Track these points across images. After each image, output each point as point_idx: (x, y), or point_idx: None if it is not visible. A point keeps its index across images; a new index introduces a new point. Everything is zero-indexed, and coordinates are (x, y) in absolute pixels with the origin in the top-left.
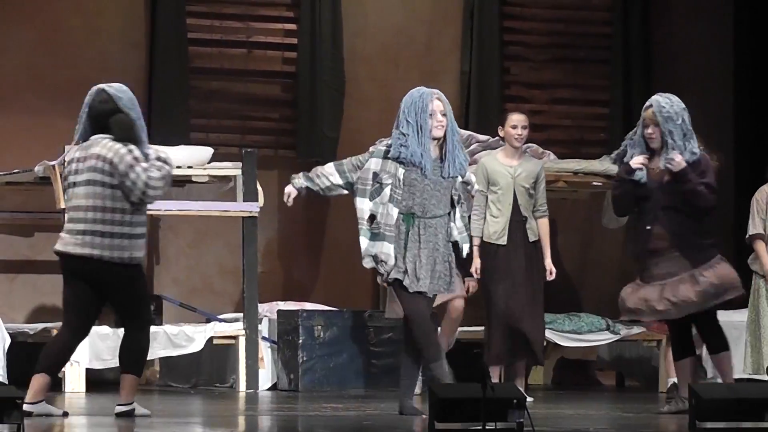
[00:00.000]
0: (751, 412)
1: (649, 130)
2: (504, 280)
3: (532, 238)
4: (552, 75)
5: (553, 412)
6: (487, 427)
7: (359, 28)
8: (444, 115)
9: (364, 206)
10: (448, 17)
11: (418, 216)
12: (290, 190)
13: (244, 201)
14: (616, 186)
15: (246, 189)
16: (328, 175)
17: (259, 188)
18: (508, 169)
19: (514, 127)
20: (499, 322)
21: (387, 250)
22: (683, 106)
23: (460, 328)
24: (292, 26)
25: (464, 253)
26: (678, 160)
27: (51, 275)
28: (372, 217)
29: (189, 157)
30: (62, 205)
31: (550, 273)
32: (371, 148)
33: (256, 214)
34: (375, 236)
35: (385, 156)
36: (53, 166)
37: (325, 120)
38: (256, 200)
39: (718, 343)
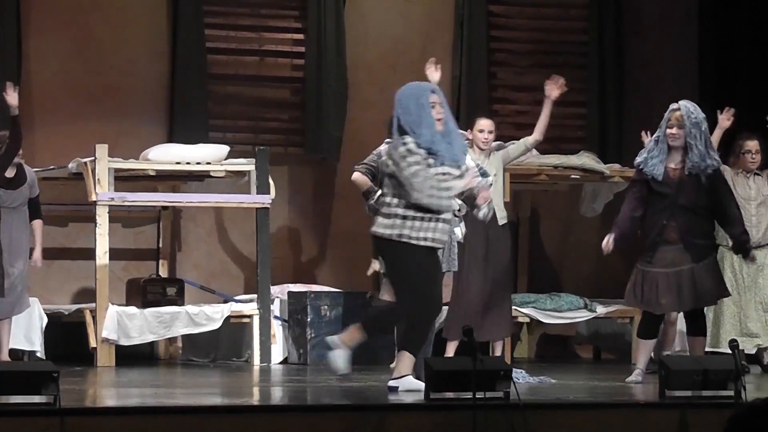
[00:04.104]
0: (715, 382)
1: (674, 131)
2: (465, 262)
3: (501, 222)
4: (535, 79)
5: (537, 383)
6: (477, 397)
7: (360, 37)
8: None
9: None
10: (441, 27)
11: None
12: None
13: (257, 194)
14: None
15: (259, 183)
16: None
17: (271, 182)
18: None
19: (481, 131)
20: (457, 301)
21: None
22: (704, 115)
23: None
24: (300, 36)
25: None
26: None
27: (84, 261)
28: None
29: (208, 155)
30: (94, 198)
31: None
32: (375, 151)
33: (268, 206)
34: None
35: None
36: (85, 162)
37: (330, 121)
38: (268, 193)
39: (699, 328)
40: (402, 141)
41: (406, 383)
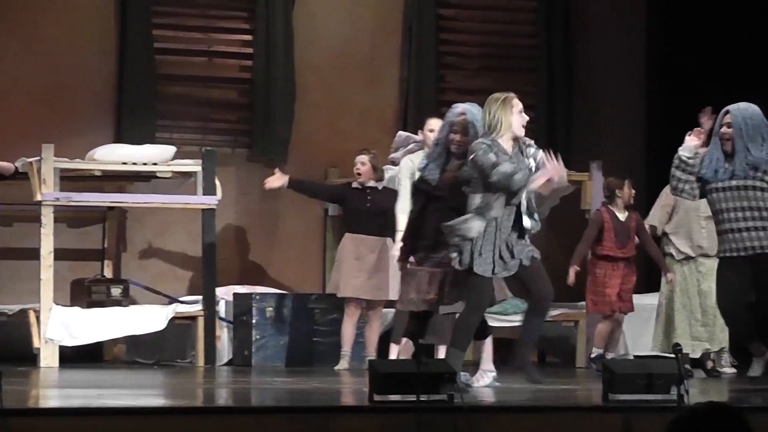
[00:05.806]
0: (659, 386)
1: (457, 137)
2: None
3: None
4: (483, 82)
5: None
6: (420, 399)
7: (309, 39)
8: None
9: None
10: (390, 29)
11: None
12: None
13: (204, 195)
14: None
15: (206, 184)
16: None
17: (218, 183)
18: None
19: (432, 131)
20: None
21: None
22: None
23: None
24: (249, 37)
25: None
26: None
27: (29, 261)
28: None
29: (154, 155)
30: (39, 198)
31: None
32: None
33: (215, 207)
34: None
35: None
36: (31, 162)
37: (278, 122)
38: (215, 194)
39: (481, 332)
40: None
41: None
